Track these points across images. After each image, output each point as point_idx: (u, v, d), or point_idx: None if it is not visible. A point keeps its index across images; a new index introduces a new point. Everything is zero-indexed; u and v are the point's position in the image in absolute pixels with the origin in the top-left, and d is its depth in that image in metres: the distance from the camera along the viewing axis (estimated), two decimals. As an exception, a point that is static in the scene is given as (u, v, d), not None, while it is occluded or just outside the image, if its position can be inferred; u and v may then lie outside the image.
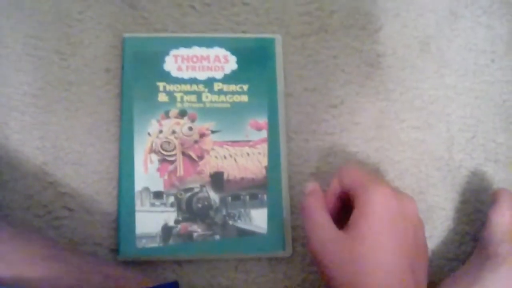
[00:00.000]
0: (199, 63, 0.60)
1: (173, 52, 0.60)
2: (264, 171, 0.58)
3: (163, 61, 0.60)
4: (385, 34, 0.65)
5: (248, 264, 0.57)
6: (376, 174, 0.60)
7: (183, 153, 0.58)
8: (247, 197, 0.57)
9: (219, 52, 0.60)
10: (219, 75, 0.60)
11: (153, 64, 0.60)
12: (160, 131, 0.58)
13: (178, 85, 0.59)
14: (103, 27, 0.62)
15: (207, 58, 0.60)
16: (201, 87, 0.59)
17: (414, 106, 0.63)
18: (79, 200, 0.57)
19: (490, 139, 0.63)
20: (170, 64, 0.60)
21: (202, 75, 0.60)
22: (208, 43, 0.61)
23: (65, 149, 0.58)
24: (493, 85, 0.65)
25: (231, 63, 0.60)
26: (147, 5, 0.63)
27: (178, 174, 0.57)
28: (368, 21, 0.65)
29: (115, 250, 0.56)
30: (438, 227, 0.60)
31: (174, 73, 0.59)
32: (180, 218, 0.56)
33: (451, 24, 0.66)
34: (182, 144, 0.58)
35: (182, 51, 0.60)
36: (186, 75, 0.59)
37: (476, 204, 0.61)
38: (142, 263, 0.56)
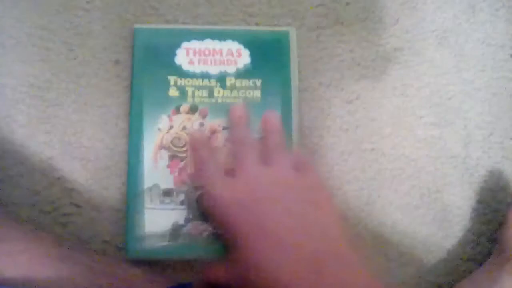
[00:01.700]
0: (211, 57, 0.58)
1: (185, 45, 0.58)
2: (277, 169, 0.56)
3: (174, 54, 0.58)
4: (402, 27, 0.63)
5: (260, 263, 0.56)
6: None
7: (194, 150, 0.56)
8: None
9: (232, 45, 0.58)
10: (231, 69, 0.58)
11: (164, 57, 0.57)
12: (171, 127, 0.56)
13: (190, 80, 0.57)
14: (112, 17, 0.60)
15: (220, 51, 0.58)
16: (213, 82, 0.57)
17: (431, 102, 0.61)
18: (87, 197, 0.56)
19: (508, 136, 0.62)
20: (182, 57, 0.58)
21: (214, 69, 0.58)
22: (221, 36, 0.59)
23: (72, 144, 0.57)
24: (511, 81, 0.63)
25: (244, 57, 0.58)
26: (157, -6, 0.61)
27: (188, 171, 0.55)
28: (385, 14, 0.63)
29: (124, 248, 0.54)
30: (454, 226, 0.59)
31: (186, 66, 0.57)
32: (190, 217, 0.54)
33: (469, 17, 0.64)
34: None
35: (194, 44, 0.58)
36: (197, 69, 0.57)
37: (493, 204, 0.60)
38: (151, 262, 0.55)
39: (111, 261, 0.52)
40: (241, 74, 0.58)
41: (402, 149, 0.60)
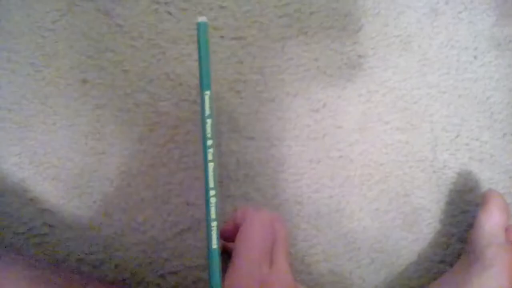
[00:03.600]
0: None
1: None
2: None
3: None
4: (365, 34, 0.63)
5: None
6: None
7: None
8: None
9: None
10: None
11: None
12: None
13: None
14: (78, 36, 0.60)
15: None
16: None
17: (397, 107, 0.62)
18: (60, 216, 0.56)
19: (474, 137, 0.62)
20: None
21: None
22: None
23: (43, 165, 0.57)
24: (476, 82, 0.64)
25: None
26: (122, 12, 0.61)
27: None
28: (348, 21, 0.63)
29: (97, 266, 0.55)
30: (424, 229, 0.60)
31: None
32: None
33: (432, 21, 0.65)
34: None
35: None
36: None
37: (461, 205, 0.61)
38: (125, 278, 0.55)
39: (85, 279, 0.53)
40: None
41: (370, 155, 0.61)
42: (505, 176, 0.62)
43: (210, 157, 0.42)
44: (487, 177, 0.62)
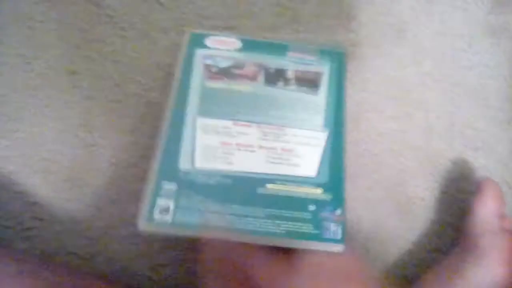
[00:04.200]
0: None
1: None
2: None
3: None
4: (359, 22, 0.63)
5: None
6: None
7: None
8: None
9: None
10: None
11: None
12: None
13: None
14: (67, 27, 0.60)
15: None
16: None
17: (391, 95, 0.61)
18: (50, 210, 0.55)
19: (468, 126, 0.62)
20: None
21: None
22: None
23: (33, 157, 0.56)
24: (470, 70, 0.63)
25: None
26: (112, 2, 0.60)
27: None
28: (342, 10, 0.63)
29: (88, 259, 0.54)
30: (418, 218, 0.59)
31: None
32: None
33: (426, 9, 0.64)
34: None
35: None
36: None
37: (456, 194, 0.60)
38: (118, 270, 0.55)
39: (74, 273, 0.52)
40: None
41: (364, 144, 0.60)
42: (500, 164, 0.61)
43: None
44: (482, 165, 0.61)
